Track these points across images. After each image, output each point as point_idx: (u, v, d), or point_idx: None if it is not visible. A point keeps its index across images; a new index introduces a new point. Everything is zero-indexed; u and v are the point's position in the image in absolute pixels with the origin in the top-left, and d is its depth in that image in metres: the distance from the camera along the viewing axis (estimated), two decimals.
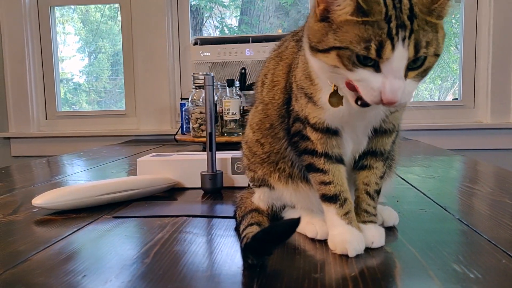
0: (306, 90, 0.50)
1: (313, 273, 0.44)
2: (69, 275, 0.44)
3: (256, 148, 0.59)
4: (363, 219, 0.53)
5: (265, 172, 0.57)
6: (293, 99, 0.53)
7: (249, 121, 0.62)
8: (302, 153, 0.53)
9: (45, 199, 0.69)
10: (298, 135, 0.53)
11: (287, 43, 0.61)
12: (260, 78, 0.64)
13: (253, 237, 0.43)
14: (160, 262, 0.47)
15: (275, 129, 0.57)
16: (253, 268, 0.45)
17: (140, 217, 0.67)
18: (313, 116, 0.50)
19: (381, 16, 0.40)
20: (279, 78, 0.58)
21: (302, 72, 0.50)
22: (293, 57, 0.56)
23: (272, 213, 0.59)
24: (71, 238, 0.57)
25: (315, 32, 0.44)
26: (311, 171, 0.52)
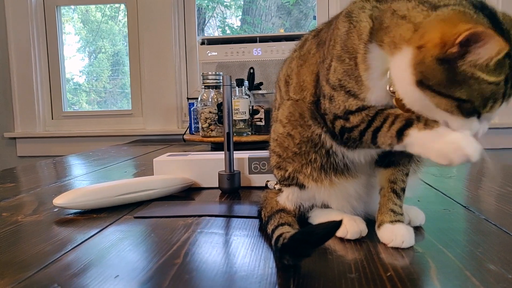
0: (350, 89, 0.49)
1: (348, 273, 0.43)
2: (102, 276, 0.44)
3: (287, 141, 0.58)
4: (390, 219, 0.53)
5: (296, 169, 0.57)
6: (325, 100, 0.52)
7: (277, 118, 0.61)
8: (361, 138, 0.50)
9: (66, 199, 0.69)
10: (345, 131, 0.51)
11: (309, 45, 0.60)
12: (283, 77, 0.63)
13: (291, 237, 0.42)
14: (192, 263, 0.47)
15: (304, 118, 0.56)
16: (287, 268, 0.45)
17: (161, 217, 0.66)
18: (355, 105, 0.49)
19: (504, 77, 0.41)
20: (307, 85, 0.57)
21: (342, 75, 0.49)
22: (319, 66, 0.55)
23: (299, 213, 0.59)
24: (96, 238, 0.56)
25: (435, 72, 0.42)
26: (377, 136, 0.49)
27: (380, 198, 0.55)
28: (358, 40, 0.48)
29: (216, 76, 1.54)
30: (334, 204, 0.57)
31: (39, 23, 2.25)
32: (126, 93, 2.46)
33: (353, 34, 0.49)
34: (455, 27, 0.41)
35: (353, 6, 0.51)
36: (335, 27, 0.53)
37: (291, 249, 0.42)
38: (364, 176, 0.56)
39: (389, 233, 0.51)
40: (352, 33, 0.49)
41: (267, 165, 0.87)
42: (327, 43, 0.54)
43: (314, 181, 0.56)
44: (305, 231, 0.42)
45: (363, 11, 0.49)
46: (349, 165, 0.55)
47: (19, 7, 2.19)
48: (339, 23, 0.52)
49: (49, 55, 2.29)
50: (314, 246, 0.42)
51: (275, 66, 1.97)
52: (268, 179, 0.86)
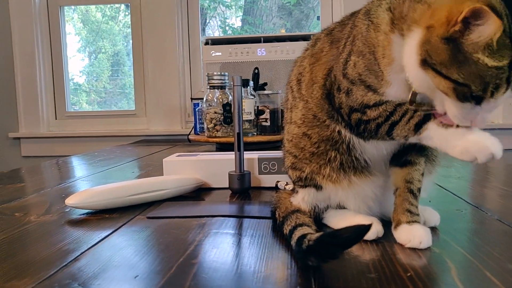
0: (370, 84, 0.50)
1: (368, 273, 0.43)
2: (121, 276, 0.44)
3: (304, 141, 0.58)
4: (407, 220, 0.53)
5: (313, 169, 0.57)
6: (341, 94, 0.53)
7: (291, 119, 0.61)
8: (378, 130, 0.51)
9: (78, 199, 0.69)
10: (361, 123, 0.52)
11: (321, 44, 0.60)
12: (295, 77, 0.64)
13: (317, 240, 0.42)
14: (210, 263, 0.47)
15: (319, 118, 0.56)
16: (306, 269, 0.45)
17: (175, 217, 0.66)
18: (373, 99, 0.50)
19: (507, 61, 0.41)
20: (318, 78, 0.57)
21: (363, 70, 0.50)
22: (334, 61, 0.55)
23: (314, 214, 0.59)
24: (111, 239, 0.56)
25: (438, 51, 0.42)
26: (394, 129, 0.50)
27: (396, 198, 0.55)
28: (377, 33, 0.49)
29: (221, 77, 1.54)
30: (350, 205, 0.57)
31: (42, 24, 2.25)
32: (126, 93, 2.46)
33: (372, 28, 0.49)
34: (461, 5, 0.41)
35: (371, 5, 0.52)
36: (354, 25, 0.53)
37: (318, 251, 0.42)
38: (381, 176, 0.57)
39: (406, 233, 0.51)
40: (372, 28, 0.49)
41: (277, 165, 0.87)
42: (344, 41, 0.54)
43: (332, 182, 0.56)
44: (333, 233, 0.42)
45: (380, 7, 0.50)
46: (368, 161, 0.55)
47: (23, 7, 2.19)
48: (358, 22, 0.52)
49: (53, 56, 2.29)
50: (343, 248, 0.42)
51: (279, 66, 1.98)
52: (278, 180, 0.86)
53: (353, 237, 0.41)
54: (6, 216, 0.69)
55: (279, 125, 1.64)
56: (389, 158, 0.56)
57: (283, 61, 1.97)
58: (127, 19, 2.44)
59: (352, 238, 0.41)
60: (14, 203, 0.78)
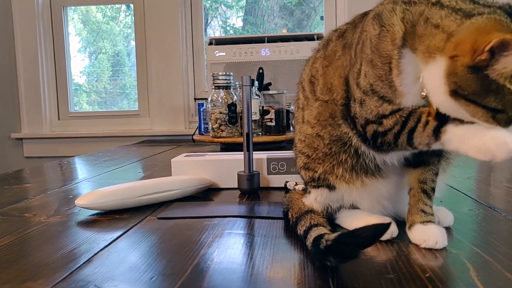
0: (384, 95, 0.48)
1: (386, 273, 0.43)
2: (137, 277, 0.43)
3: (317, 142, 0.58)
4: (421, 220, 0.52)
5: (326, 169, 0.56)
6: (356, 104, 0.52)
7: (304, 119, 0.60)
8: (396, 141, 0.50)
9: (88, 199, 0.68)
10: (378, 136, 0.51)
11: (334, 46, 0.59)
12: (306, 77, 0.63)
13: (336, 240, 0.42)
14: (226, 264, 0.46)
15: (334, 118, 0.56)
16: (324, 269, 0.44)
17: (186, 217, 0.66)
18: (390, 109, 0.49)
19: None
20: (337, 89, 0.56)
21: (374, 80, 0.49)
22: (348, 70, 0.54)
23: (326, 215, 0.59)
24: (124, 239, 0.56)
25: (468, 82, 0.41)
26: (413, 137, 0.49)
27: (410, 198, 0.54)
28: (391, 45, 0.47)
29: (226, 77, 1.53)
30: (364, 205, 0.56)
31: (45, 24, 2.25)
32: (126, 94, 2.46)
33: (385, 38, 0.48)
34: (488, 35, 0.40)
35: (382, 8, 0.50)
36: (363, 29, 0.52)
37: (337, 250, 0.42)
38: (394, 176, 0.56)
39: (421, 233, 0.51)
40: (385, 37, 0.48)
41: (286, 165, 0.87)
42: (354, 46, 0.53)
43: (345, 182, 0.55)
44: (352, 233, 0.42)
45: (394, 14, 0.48)
46: (380, 165, 0.55)
47: (26, 8, 2.19)
48: (367, 26, 0.51)
49: (56, 56, 2.29)
50: (361, 247, 0.41)
51: (283, 66, 1.97)
52: (287, 180, 0.86)
53: (372, 236, 0.41)
54: (15, 217, 0.68)
55: (284, 125, 1.64)
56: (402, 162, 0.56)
57: (287, 61, 1.97)
58: (128, 19, 2.44)
59: (371, 237, 0.41)
60: (21, 204, 0.78)
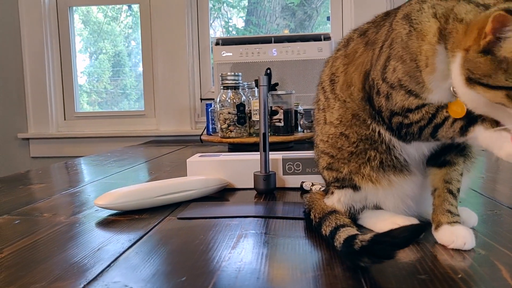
0: (411, 89, 0.49)
1: (418, 274, 0.43)
2: (168, 278, 0.43)
3: (341, 142, 0.58)
4: (448, 220, 0.52)
5: (352, 169, 0.56)
6: (380, 98, 0.52)
7: (326, 120, 0.60)
8: (421, 133, 0.51)
9: (107, 200, 0.68)
10: (403, 127, 0.52)
11: (354, 44, 0.60)
12: (327, 77, 0.63)
13: (372, 240, 0.42)
14: (257, 264, 0.46)
15: (360, 118, 0.56)
16: (353, 269, 0.44)
17: (206, 218, 0.66)
18: (416, 103, 0.49)
19: None
20: (355, 81, 0.57)
21: (403, 75, 0.49)
22: (371, 64, 0.55)
23: (349, 215, 0.58)
24: (147, 239, 0.56)
25: (479, 65, 0.42)
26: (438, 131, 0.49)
27: (435, 199, 0.54)
28: (422, 42, 0.48)
29: (235, 77, 1.53)
30: (389, 205, 0.56)
31: (52, 24, 2.25)
32: (127, 94, 2.46)
33: (415, 36, 0.48)
34: (487, 18, 0.41)
35: (410, 8, 0.51)
36: (391, 28, 0.52)
37: (373, 251, 0.42)
38: (419, 175, 0.56)
39: (449, 234, 0.51)
40: (415, 36, 0.48)
41: (302, 166, 0.87)
42: (380, 43, 0.54)
43: (371, 181, 0.55)
44: (388, 233, 0.42)
45: (423, 12, 0.49)
46: (407, 160, 0.55)
47: (32, 8, 2.19)
48: (396, 26, 0.51)
49: (62, 56, 2.29)
50: (398, 248, 0.41)
51: (290, 66, 1.97)
52: (303, 180, 0.86)
53: (409, 236, 0.41)
54: (35, 217, 0.68)
55: (292, 125, 1.64)
56: (427, 158, 0.56)
57: (294, 61, 1.97)
58: (129, 20, 2.45)
59: (408, 237, 0.41)
60: (39, 204, 0.78)
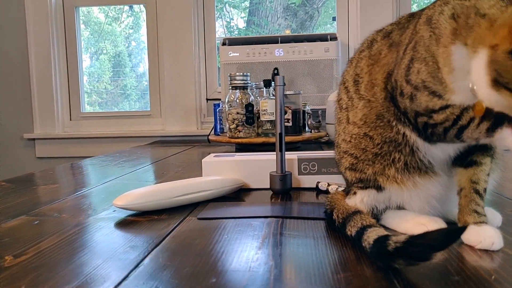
0: (435, 90, 0.49)
1: (451, 275, 0.43)
2: (199, 278, 0.43)
3: (365, 142, 0.57)
4: (474, 221, 0.52)
5: (377, 170, 0.56)
6: (404, 99, 0.52)
7: (348, 119, 0.60)
8: (446, 134, 0.51)
9: (126, 200, 0.68)
10: (428, 127, 0.52)
11: (379, 46, 0.59)
12: (350, 78, 0.63)
13: (407, 242, 0.42)
14: (287, 265, 0.46)
15: (384, 118, 0.56)
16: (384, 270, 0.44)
17: (226, 218, 0.66)
18: (439, 104, 0.49)
19: None
20: (378, 81, 0.57)
21: (426, 77, 0.49)
22: (394, 65, 0.55)
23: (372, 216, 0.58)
24: (171, 240, 0.55)
25: (507, 68, 0.40)
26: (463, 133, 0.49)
27: (461, 199, 0.54)
28: (438, 45, 0.48)
29: (244, 77, 1.53)
30: (414, 206, 0.56)
31: (58, 24, 2.24)
32: (127, 94, 2.46)
33: (434, 39, 0.49)
34: None
35: (432, 12, 0.51)
36: (415, 31, 0.52)
37: (408, 252, 0.42)
38: (444, 176, 0.56)
39: (476, 234, 0.50)
40: (434, 39, 0.49)
41: (317, 166, 0.87)
42: (405, 45, 0.54)
43: (396, 183, 0.55)
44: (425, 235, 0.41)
45: (442, 15, 0.48)
46: (432, 162, 0.55)
47: (39, 8, 2.19)
48: (420, 29, 0.51)
49: (68, 56, 2.29)
50: (435, 250, 0.41)
51: (297, 66, 1.97)
52: (318, 180, 0.85)
53: (447, 238, 0.41)
54: (53, 218, 0.68)
55: (300, 125, 1.63)
56: (452, 159, 0.56)
57: (300, 61, 1.97)
58: (129, 20, 2.45)
59: (446, 239, 0.41)
60: (55, 204, 0.77)
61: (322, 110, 1.85)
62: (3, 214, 0.70)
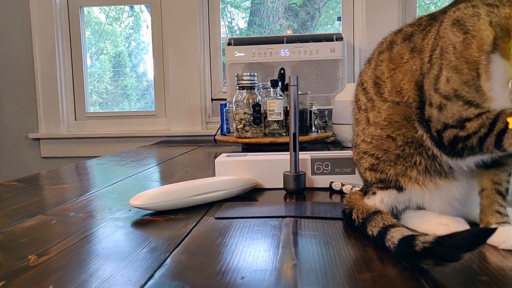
0: (470, 99, 0.47)
1: (478, 275, 0.42)
2: (227, 277, 0.43)
3: (387, 144, 0.57)
4: (497, 221, 0.52)
5: (398, 171, 0.56)
6: (433, 109, 0.51)
7: (369, 120, 0.60)
8: (482, 145, 0.48)
9: (142, 200, 0.68)
10: (459, 141, 0.50)
11: (400, 49, 0.58)
12: (369, 79, 0.62)
13: (435, 242, 0.41)
14: (312, 264, 0.46)
15: (410, 120, 0.55)
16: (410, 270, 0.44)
17: (244, 217, 0.65)
18: (475, 113, 0.48)
19: None
20: (409, 93, 0.55)
21: (459, 85, 0.48)
22: (419, 74, 0.54)
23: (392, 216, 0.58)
24: (191, 239, 0.55)
25: None
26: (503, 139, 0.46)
27: (483, 199, 0.54)
28: (479, 51, 0.46)
29: (251, 77, 1.53)
30: (435, 207, 0.56)
31: (63, 24, 2.24)
32: (127, 94, 2.46)
33: (472, 44, 0.47)
34: None
35: (461, 14, 0.49)
36: (439, 36, 0.51)
37: (437, 253, 0.41)
38: (465, 177, 0.56)
39: (499, 235, 0.50)
40: (471, 44, 0.47)
41: (330, 166, 0.86)
42: (428, 52, 0.52)
43: (418, 184, 0.55)
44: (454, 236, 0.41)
45: (479, 19, 0.47)
46: (453, 167, 0.54)
47: (43, 8, 2.19)
48: (447, 33, 0.49)
49: (73, 56, 2.29)
50: (464, 251, 0.41)
51: (302, 66, 1.97)
52: (332, 180, 0.85)
53: (476, 240, 0.40)
54: (70, 218, 0.68)
55: (307, 125, 1.63)
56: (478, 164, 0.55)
57: (306, 61, 1.97)
58: (130, 20, 2.45)
59: (474, 241, 0.40)
60: (69, 204, 0.77)
61: (328, 110, 1.85)
62: (19, 214, 0.70)
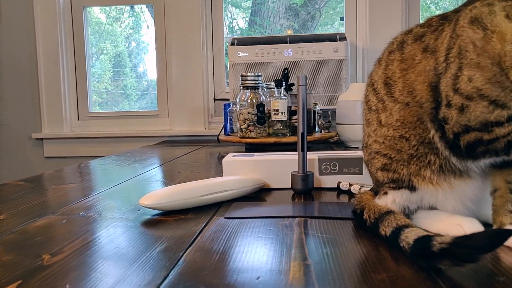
0: (495, 98, 0.47)
1: (495, 276, 0.42)
2: (242, 277, 0.43)
3: (401, 144, 0.57)
4: (511, 221, 0.52)
5: (412, 171, 0.56)
6: (451, 110, 0.50)
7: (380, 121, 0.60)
8: (509, 149, 0.48)
9: (152, 199, 0.68)
10: (481, 144, 0.49)
11: (411, 49, 0.58)
12: (380, 80, 0.62)
13: (454, 243, 0.41)
14: (328, 264, 0.46)
15: (423, 121, 0.55)
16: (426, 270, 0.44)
17: (254, 217, 0.65)
18: (504, 115, 0.47)
19: None
20: (423, 95, 0.55)
21: (483, 83, 0.47)
22: (433, 75, 0.53)
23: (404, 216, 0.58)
24: (203, 239, 0.55)
25: None
26: None
27: (496, 199, 0.54)
28: (502, 42, 0.46)
29: (255, 77, 1.53)
30: (448, 207, 0.56)
31: (66, 25, 2.24)
32: (127, 94, 2.46)
33: (493, 38, 0.46)
34: None
35: (477, 12, 0.49)
36: (456, 35, 0.50)
37: (455, 254, 0.41)
38: (479, 177, 0.55)
39: None
40: (492, 37, 0.46)
41: (338, 166, 0.86)
42: (444, 52, 0.52)
43: (432, 184, 0.55)
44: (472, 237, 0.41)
45: (496, 15, 0.47)
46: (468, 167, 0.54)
47: (47, 8, 2.19)
48: (466, 31, 0.49)
49: (76, 56, 2.29)
50: (483, 252, 0.41)
51: (306, 66, 1.97)
52: (339, 180, 0.85)
53: (494, 241, 0.40)
54: (80, 217, 0.68)
55: (310, 125, 1.63)
56: None
57: (309, 61, 1.97)
58: (130, 20, 2.44)
59: (493, 242, 0.40)
60: (78, 203, 0.77)
61: (332, 110, 1.85)
62: (30, 213, 0.70)
